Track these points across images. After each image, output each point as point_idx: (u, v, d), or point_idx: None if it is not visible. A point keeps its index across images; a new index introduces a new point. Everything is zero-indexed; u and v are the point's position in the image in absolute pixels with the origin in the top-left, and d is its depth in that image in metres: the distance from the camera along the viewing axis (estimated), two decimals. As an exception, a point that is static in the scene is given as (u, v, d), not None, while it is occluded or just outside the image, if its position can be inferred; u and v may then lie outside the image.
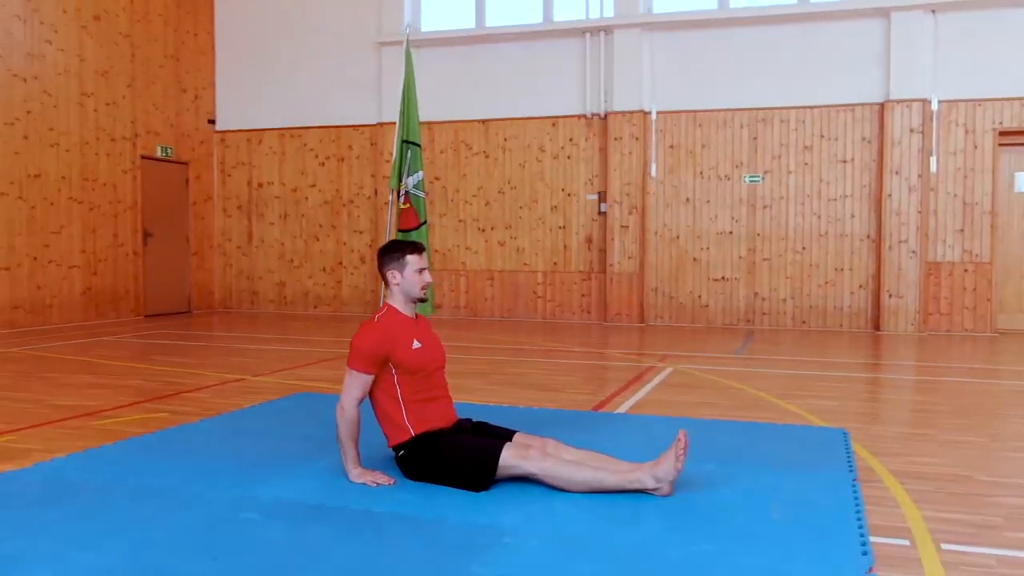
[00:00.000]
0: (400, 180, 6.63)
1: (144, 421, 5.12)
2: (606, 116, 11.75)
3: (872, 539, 3.09)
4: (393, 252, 3.88)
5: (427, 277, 3.89)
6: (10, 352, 8.35)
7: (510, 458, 3.58)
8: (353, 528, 3.13)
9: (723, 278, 11.51)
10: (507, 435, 3.82)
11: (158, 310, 12.62)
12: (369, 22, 12.77)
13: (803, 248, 11.18)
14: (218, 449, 4.29)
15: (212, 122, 13.71)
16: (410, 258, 3.85)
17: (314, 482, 3.68)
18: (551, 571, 2.73)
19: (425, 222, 6.74)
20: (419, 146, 6.81)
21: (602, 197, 11.87)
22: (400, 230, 6.69)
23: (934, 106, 10.57)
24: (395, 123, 12.38)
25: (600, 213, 11.91)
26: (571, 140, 12.04)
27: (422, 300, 3.92)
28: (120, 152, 11.94)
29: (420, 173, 6.73)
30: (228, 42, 13.70)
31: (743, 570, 2.75)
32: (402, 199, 6.66)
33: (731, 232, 11.45)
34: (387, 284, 3.90)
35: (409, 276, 3.84)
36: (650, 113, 11.60)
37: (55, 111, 10.92)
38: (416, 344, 3.77)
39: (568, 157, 12.07)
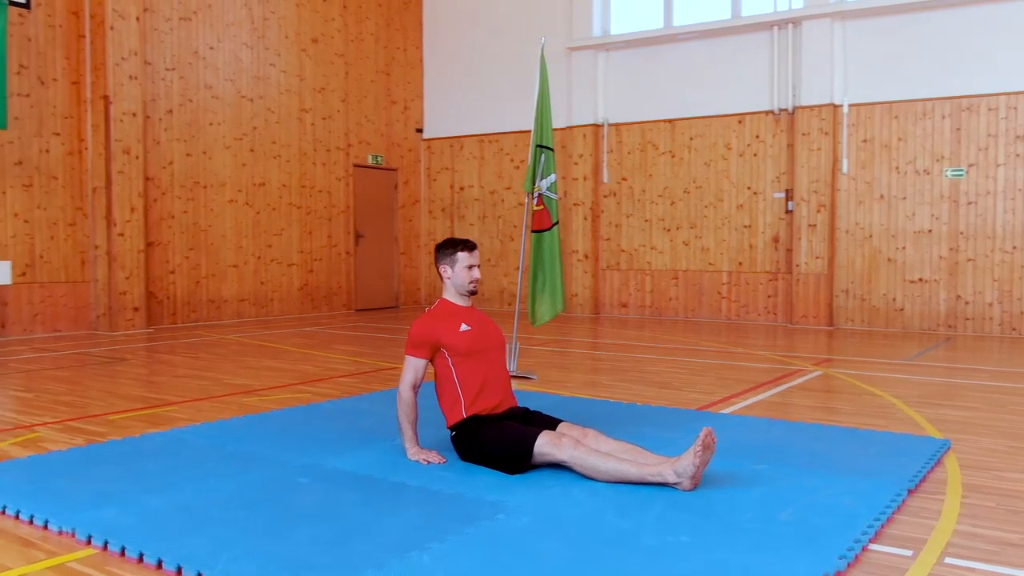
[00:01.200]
0: (534, 183, 6.93)
1: (284, 400, 5.83)
2: (794, 111, 11.35)
3: (875, 547, 3.02)
4: (446, 249, 4.21)
5: (476, 273, 4.19)
6: (226, 338, 9.60)
7: (544, 445, 3.79)
8: (376, 495, 3.50)
9: (921, 280, 10.74)
10: (552, 424, 4.03)
11: (368, 305, 13.79)
12: (559, 28, 13.16)
13: (1013, 248, 10.17)
14: (319, 426, 4.83)
15: (420, 130, 14.74)
16: (460, 255, 4.17)
17: (376, 457, 4.10)
18: (515, 546, 2.94)
19: (557, 223, 7.01)
20: (552, 150, 7.07)
21: (789, 195, 11.48)
22: (533, 231, 7.00)
23: None
24: (584, 126, 12.78)
25: (787, 211, 11.53)
26: (757, 137, 11.74)
27: (471, 293, 4.21)
28: (335, 161, 13.20)
29: (553, 176, 7.00)
30: (434, 56, 14.67)
31: (702, 562, 2.82)
32: (535, 201, 6.96)
33: (930, 230, 10.66)
34: (441, 278, 4.24)
35: (459, 271, 4.16)
36: (841, 106, 11.06)
37: (277, 126, 12.30)
38: (464, 327, 4.07)
39: (754, 154, 11.78)
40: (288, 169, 12.48)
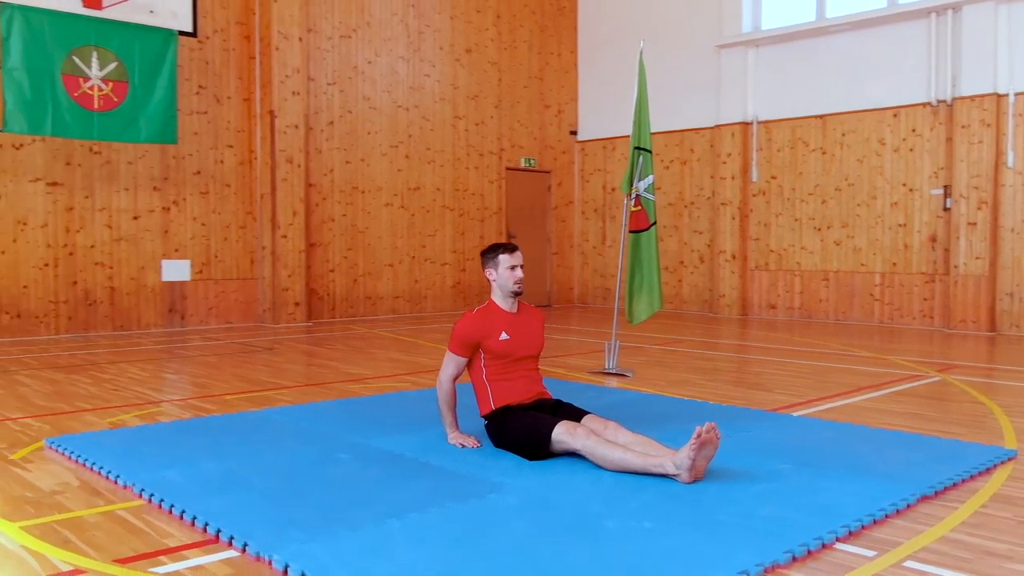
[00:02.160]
0: (631, 184, 7.07)
1: (382, 388, 6.33)
2: (953, 103, 10.67)
3: (841, 546, 3.04)
4: (489, 253, 4.50)
5: (519, 273, 4.44)
6: (372, 332, 10.35)
7: (560, 434, 4.01)
8: (396, 471, 3.87)
9: (1097, 283, 9.80)
10: (578, 415, 4.23)
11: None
12: (709, 26, 13.04)
13: None
14: (389, 411, 5.27)
15: (574, 133, 15.05)
16: (502, 257, 4.44)
17: (419, 440, 4.46)
18: (484, 522, 3.20)
19: (654, 223, 7.11)
20: (650, 152, 7.17)
21: (947, 191, 10.81)
22: (631, 231, 7.14)
23: None
24: (732, 124, 12.62)
25: (945, 209, 10.85)
26: (913, 131, 11.13)
27: (516, 293, 4.46)
28: (487, 165, 13.77)
29: (651, 177, 7.11)
30: (588, 59, 14.92)
31: (646, 545, 2.96)
32: (632, 202, 7.09)
33: (1109, 229, 9.71)
34: (488, 281, 4.53)
35: (502, 273, 4.43)
36: (1007, 96, 10.28)
37: (432, 133, 13.02)
38: (504, 336, 4.34)
39: (910, 150, 11.17)
40: (442, 174, 13.17)
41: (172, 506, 3.37)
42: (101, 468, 3.94)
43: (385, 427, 4.79)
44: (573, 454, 4.04)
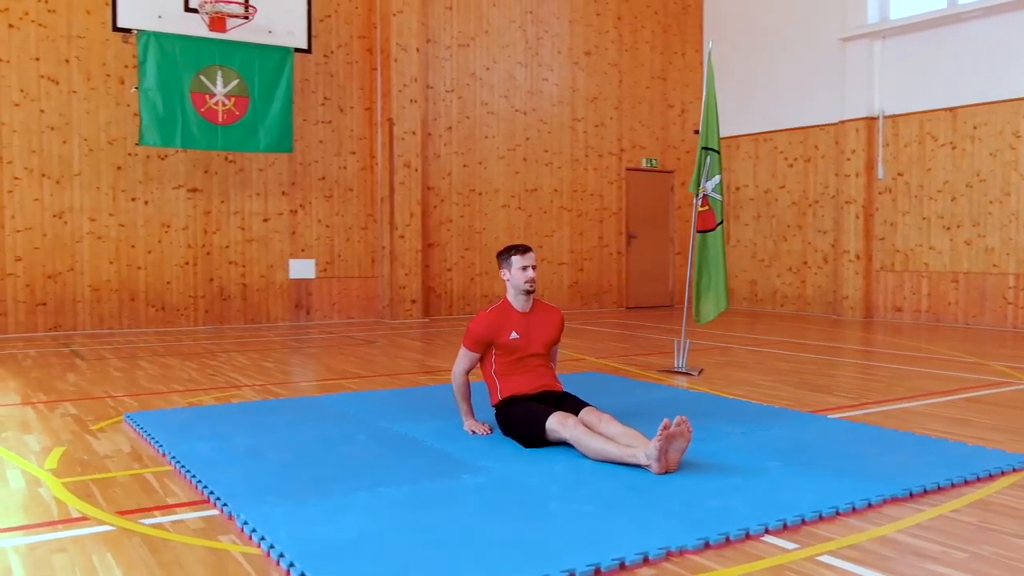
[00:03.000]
0: (699, 184, 7.10)
1: (445, 380, 6.69)
2: (1094, 90, 9.89)
3: (769, 538, 3.12)
4: (503, 254, 4.77)
5: (530, 273, 4.68)
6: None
7: (553, 424, 4.23)
8: (397, 451, 4.23)
9: None
10: (579, 407, 4.42)
11: (639, 303, 14.33)
12: (833, 18, 12.63)
13: None
14: (433, 400, 5.61)
15: (698, 132, 14.90)
16: (514, 258, 4.69)
17: (437, 427, 4.79)
18: (440, 499, 3.49)
19: (721, 223, 7.12)
20: (718, 152, 7.18)
21: (1088, 187, 10.01)
22: (698, 231, 7.18)
23: None
24: (856, 119, 12.21)
25: (1085, 206, 10.06)
26: (1051, 122, 10.38)
27: (528, 292, 4.71)
28: (607, 166, 13.93)
29: (718, 177, 7.13)
30: (714, 59, 14.71)
31: (573, 526, 3.16)
32: (700, 202, 7.13)
33: None
34: (504, 281, 4.80)
35: (515, 273, 4.69)
36: None
37: (549, 136, 13.34)
38: (514, 335, 4.61)
39: (1048, 142, 10.43)
40: (560, 175, 13.46)
41: (189, 472, 3.87)
42: (152, 439, 4.52)
43: (417, 414, 5.16)
44: (567, 443, 4.25)
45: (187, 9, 9.43)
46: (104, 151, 10.05)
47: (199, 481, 3.71)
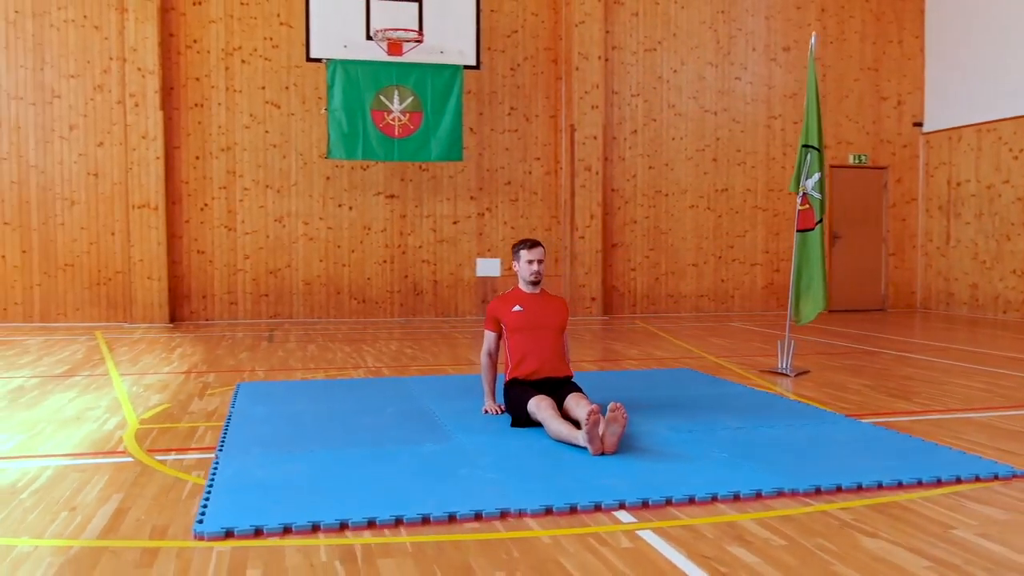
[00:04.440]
0: (799, 182, 7.00)
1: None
2: None
3: (619, 513, 3.42)
4: (515, 248, 5.25)
5: (535, 267, 5.13)
6: (649, 327, 11.08)
7: (531, 406, 4.68)
8: (405, 423, 4.91)
9: None
10: (572, 394, 4.80)
11: (845, 306, 13.66)
12: (1063, -6, 11.33)
13: None
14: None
15: (918, 124, 13.94)
16: (522, 252, 5.17)
17: (463, 406, 5.35)
18: (392, 461, 4.09)
19: (821, 221, 6.95)
20: (819, 150, 7.01)
21: None
22: (798, 230, 7.07)
23: None
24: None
25: None
26: None
27: (533, 283, 5.15)
28: (808, 163, 13.46)
29: (818, 175, 6.97)
30: (936, 44, 13.71)
31: (476, 488, 3.63)
32: (800, 200, 7.01)
33: None
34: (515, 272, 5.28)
35: (522, 265, 5.17)
36: None
37: (742, 135, 13.20)
38: (517, 308, 5.09)
39: None
40: (753, 175, 13.26)
41: (225, 426, 4.80)
42: (233, 403, 5.54)
43: (460, 395, 5.73)
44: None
45: (368, 38, 10.70)
46: (316, 164, 11.65)
47: (226, 433, 4.62)
